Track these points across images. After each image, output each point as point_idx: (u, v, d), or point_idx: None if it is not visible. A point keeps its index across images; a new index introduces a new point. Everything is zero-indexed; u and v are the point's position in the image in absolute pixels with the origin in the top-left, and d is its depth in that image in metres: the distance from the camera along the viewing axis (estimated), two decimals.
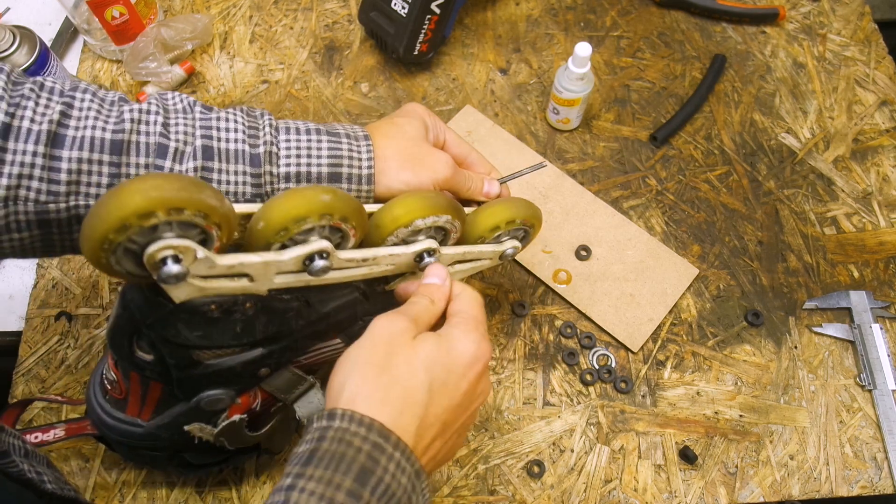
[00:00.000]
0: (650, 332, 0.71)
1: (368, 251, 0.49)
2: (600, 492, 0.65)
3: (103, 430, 0.54)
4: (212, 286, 0.43)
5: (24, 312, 0.72)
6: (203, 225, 0.41)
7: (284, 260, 0.45)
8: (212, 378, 0.49)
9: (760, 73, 0.87)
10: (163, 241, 0.40)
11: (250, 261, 0.44)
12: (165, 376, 0.48)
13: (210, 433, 0.52)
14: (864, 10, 0.91)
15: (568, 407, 0.69)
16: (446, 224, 0.52)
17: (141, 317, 0.45)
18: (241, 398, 0.52)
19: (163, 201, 0.39)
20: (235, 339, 0.47)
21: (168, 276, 0.40)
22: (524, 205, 0.58)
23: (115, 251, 0.40)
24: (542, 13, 0.90)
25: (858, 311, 0.73)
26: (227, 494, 0.64)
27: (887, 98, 0.85)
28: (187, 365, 0.47)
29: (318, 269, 0.45)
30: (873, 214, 0.79)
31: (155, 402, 0.51)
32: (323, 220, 0.45)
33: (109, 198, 0.39)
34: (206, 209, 0.41)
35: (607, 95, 0.85)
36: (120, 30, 0.81)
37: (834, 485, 0.66)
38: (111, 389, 0.53)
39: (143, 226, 0.39)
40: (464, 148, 0.61)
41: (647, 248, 0.75)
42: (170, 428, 0.52)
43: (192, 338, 0.45)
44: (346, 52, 0.87)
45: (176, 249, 0.40)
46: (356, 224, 0.48)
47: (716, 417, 0.68)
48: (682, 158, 0.81)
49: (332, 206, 0.45)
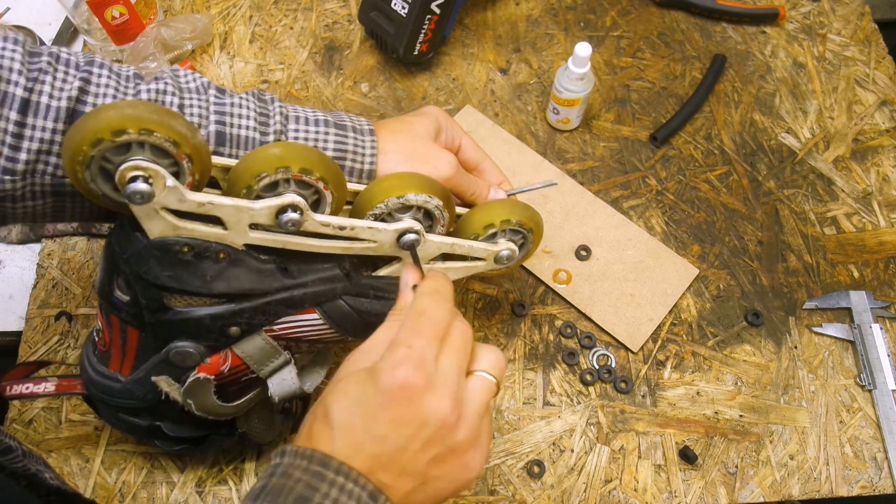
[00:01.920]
0: (650, 332, 0.71)
1: (346, 220, 0.49)
2: (600, 492, 0.65)
3: (90, 387, 0.54)
4: (185, 226, 0.46)
5: (24, 312, 0.72)
6: (174, 153, 0.43)
7: (256, 209, 0.46)
8: (181, 327, 0.49)
9: (760, 73, 0.87)
10: (133, 161, 0.42)
11: (221, 202, 0.45)
12: (139, 319, 0.49)
13: (177, 391, 0.52)
14: (864, 10, 0.91)
15: (568, 407, 0.69)
16: (435, 210, 0.52)
17: (119, 250, 0.46)
18: (210, 359, 0.51)
19: (135, 119, 0.41)
20: (205, 286, 0.48)
21: (133, 192, 0.42)
22: (522, 206, 0.57)
23: (89, 166, 0.42)
24: (542, 13, 0.90)
25: (858, 311, 0.73)
26: (227, 494, 0.64)
27: (887, 98, 0.85)
28: (158, 308, 0.48)
29: (288, 222, 0.46)
30: (873, 214, 0.79)
31: (133, 354, 0.52)
32: (279, 174, 0.46)
33: (88, 114, 0.42)
34: (177, 136, 0.43)
35: (607, 95, 0.85)
36: (120, 30, 0.81)
37: (834, 485, 0.66)
38: (98, 341, 0.53)
39: (115, 141, 0.41)
40: (478, 154, 0.61)
41: (647, 248, 0.75)
42: (143, 384, 0.52)
43: (162, 277, 0.47)
44: (346, 52, 0.87)
45: (145, 171, 0.42)
46: (322, 176, 0.47)
47: (716, 417, 0.68)
48: (682, 158, 0.81)
49: (284, 158, 0.46)
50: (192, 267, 0.47)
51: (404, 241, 0.51)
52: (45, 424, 0.67)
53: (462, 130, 0.61)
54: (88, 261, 0.74)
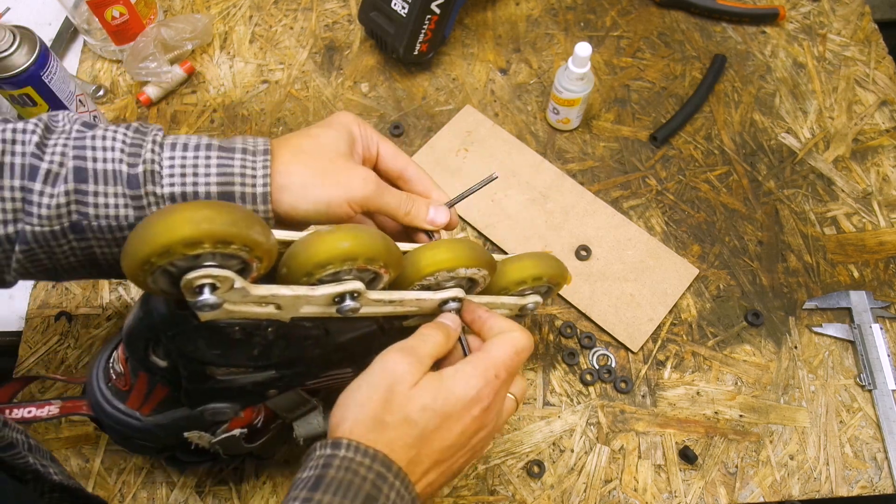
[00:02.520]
0: (650, 332, 0.71)
1: (396, 294, 0.49)
2: (600, 492, 0.65)
3: (100, 414, 0.54)
4: (239, 310, 0.43)
5: (24, 312, 0.72)
6: (246, 258, 0.41)
7: (315, 296, 0.44)
8: (220, 393, 0.49)
9: (760, 73, 0.87)
10: (203, 269, 0.39)
11: (283, 293, 0.43)
12: (175, 383, 0.48)
13: (208, 441, 0.52)
14: (864, 10, 0.91)
15: (568, 407, 0.69)
16: (480, 278, 0.52)
17: (162, 327, 0.44)
18: (243, 412, 0.52)
19: (212, 234, 0.39)
20: (251, 360, 0.47)
21: (203, 304, 0.40)
22: (554, 263, 0.57)
23: (153, 272, 0.40)
24: (542, 13, 0.90)
25: (858, 311, 0.73)
26: (227, 494, 0.64)
27: (887, 98, 0.85)
28: (199, 379, 0.47)
29: (347, 310, 0.46)
30: (873, 214, 0.79)
31: (158, 401, 0.51)
32: (346, 265, 0.45)
33: (158, 220, 0.38)
34: (252, 244, 0.40)
35: (607, 95, 0.85)
36: (120, 30, 0.81)
37: (834, 485, 0.66)
38: (115, 379, 0.53)
39: (188, 254, 0.39)
40: (400, 161, 0.55)
41: (647, 248, 0.75)
42: (167, 429, 0.52)
43: (210, 355, 0.45)
44: (346, 52, 0.87)
45: (215, 279, 0.40)
46: (386, 263, 0.46)
47: (716, 417, 0.68)
48: (682, 158, 0.81)
49: (354, 252, 0.44)
50: (240, 344, 0.46)
51: (447, 307, 0.51)
52: (45, 424, 0.67)
53: (378, 136, 0.56)
54: None
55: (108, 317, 0.72)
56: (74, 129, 0.47)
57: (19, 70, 0.69)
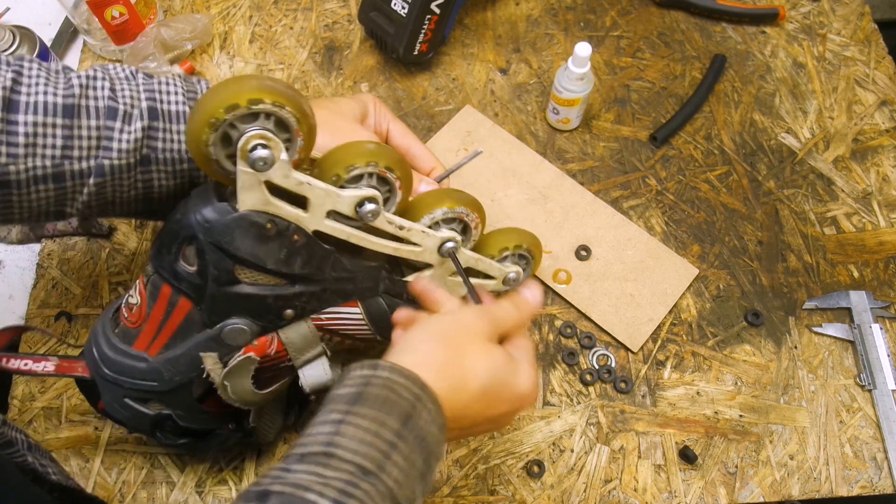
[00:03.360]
0: (650, 332, 0.71)
1: (406, 221, 0.54)
2: (600, 492, 0.65)
3: (100, 368, 0.54)
4: (275, 204, 0.48)
5: (24, 312, 0.72)
6: (295, 129, 0.47)
7: (343, 196, 0.50)
8: (243, 302, 0.51)
9: (760, 73, 0.87)
10: (260, 129, 0.45)
11: (316, 184, 0.49)
12: (199, 292, 0.50)
13: (219, 371, 0.53)
14: (864, 9, 0.91)
15: (568, 407, 0.69)
16: (473, 224, 0.58)
17: (203, 220, 0.48)
18: (258, 340, 0.53)
19: (272, 91, 0.45)
20: (276, 265, 0.50)
21: (258, 158, 0.45)
22: (529, 234, 0.63)
23: (217, 129, 0.45)
24: (541, 13, 0.90)
25: (858, 311, 0.73)
26: (227, 494, 0.64)
27: (887, 98, 0.85)
28: (227, 280, 0.50)
29: (366, 212, 0.51)
30: (873, 214, 0.79)
31: (171, 332, 0.52)
32: (369, 167, 0.51)
33: (227, 82, 0.45)
34: (301, 113, 0.47)
35: (607, 95, 0.85)
36: (120, 30, 0.81)
37: (834, 485, 0.66)
38: (127, 317, 0.53)
39: (251, 109, 0.44)
40: (407, 140, 0.64)
41: (647, 248, 0.76)
42: (177, 364, 0.53)
43: (242, 249, 0.49)
44: (346, 52, 0.87)
45: (268, 141, 0.45)
46: (400, 175, 0.53)
47: (716, 417, 0.68)
48: (682, 158, 0.81)
49: (377, 154, 0.51)
50: (270, 244, 0.50)
51: (445, 248, 0.56)
52: (45, 424, 0.67)
53: (392, 116, 0.64)
54: (88, 261, 0.74)
55: None
56: (140, 76, 0.54)
57: None
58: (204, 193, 0.50)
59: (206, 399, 0.56)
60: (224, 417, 0.58)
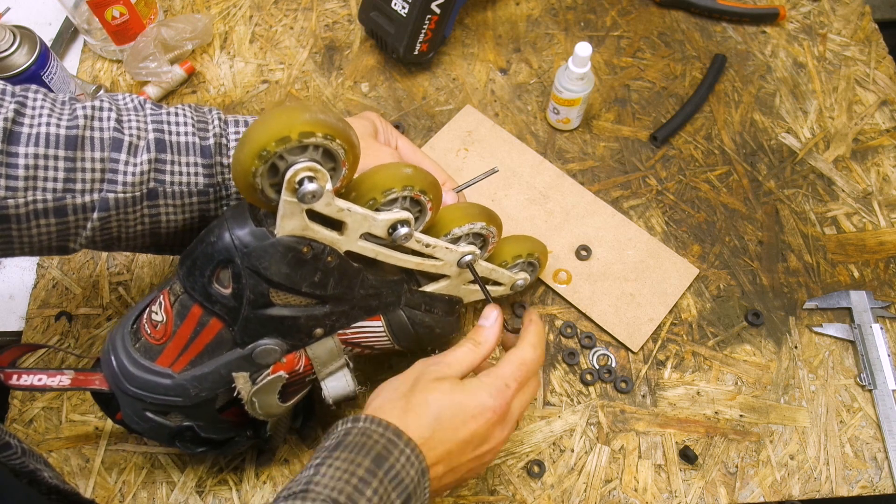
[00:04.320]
0: (650, 331, 0.71)
1: (432, 239, 0.56)
2: (600, 492, 0.65)
3: (121, 383, 0.53)
4: (312, 229, 0.49)
5: (24, 312, 0.72)
6: (342, 159, 0.47)
7: (378, 220, 0.51)
8: (275, 324, 0.51)
9: (761, 72, 0.87)
10: (308, 161, 0.45)
11: (356, 210, 0.50)
12: (232, 314, 0.50)
13: (249, 389, 0.53)
14: (865, 9, 0.91)
15: (568, 407, 0.69)
16: (490, 236, 0.60)
17: (240, 244, 0.48)
18: (286, 357, 0.54)
19: (324, 124, 0.45)
20: (310, 287, 0.51)
21: (307, 192, 0.45)
22: (540, 243, 0.67)
23: (267, 161, 0.44)
24: (542, 13, 0.90)
25: (858, 311, 0.73)
26: (227, 494, 0.64)
27: (887, 98, 0.85)
28: (262, 303, 0.50)
29: (400, 236, 0.52)
30: (873, 214, 0.79)
31: (198, 350, 0.52)
32: (405, 191, 0.51)
33: (276, 114, 0.44)
34: (349, 145, 0.47)
35: (607, 95, 0.85)
36: (120, 30, 0.81)
37: (834, 485, 0.66)
38: (150, 333, 0.53)
39: (302, 142, 0.44)
40: (417, 156, 0.65)
41: (647, 247, 0.75)
42: (204, 381, 0.52)
43: (279, 273, 0.49)
44: (346, 52, 0.87)
45: (315, 173, 0.45)
46: (433, 197, 0.54)
47: (716, 417, 0.68)
48: (683, 158, 0.81)
49: (413, 179, 0.51)
50: (305, 267, 0.50)
51: (463, 261, 0.58)
52: (46, 424, 0.67)
53: (398, 133, 0.66)
54: (88, 261, 0.74)
55: (108, 317, 0.72)
56: (147, 107, 0.53)
57: (19, 70, 0.69)
58: (240, 215, 0.49)
59: (226, 409, 0.56)
60: (243, 425, 0.59)
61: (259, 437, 0.60)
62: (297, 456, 0.66)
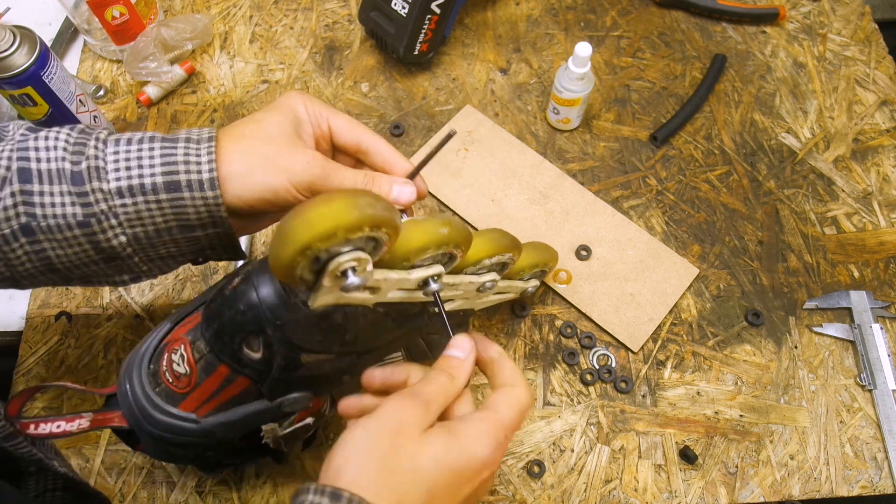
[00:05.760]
0: (650, 331, 0.71)
1: (457, 277, 0.53)
2: (600, 492, 0.65)
3: (142, 424, 0.52)
4: (347, 298, 0.45)
5: (24, 312, 0.72)
6: (384, 242, 0.43)
7: (411, 279, 0.48)
8: (304, 381, 0.50)
9: (761, 72, 0.87)
10: (354, 252, 0.41)
11: (391, 277, 0.46)
12: (261, 375, 0.49)
13: (276, 434, 0.53)
14: (865, 9, 0.91)
15: (568, 407, 0.69)
16: (511, 260, 0.58)
17: (272, 316, 0.45)
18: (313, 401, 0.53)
19: (373, 219, 0.40)
20: (342, 346, 0.49)
21: (351, 286, 0.41)
22: (551, 251, 0.67)
23: (311, 258, 0.40)
24: (542, 13, 0.90)
25: (859, 311, 0.73)
26: (227, 494, 0.64)
27: (887, 98, 0.85)
28: (293, 367, 0.48)
29: (432, 291, 0.49)
30: (873, 214, 0.79)
31: (223, 400, 0.51)
32: (441, 250, 0.48)
33: (321, 206, 0.39)
34: (393, 230, 0.43)
35: (607, 95, 0.85)
36: (120, 30, 0.81)
37: (834, 485, 0.66)
38: (172, 382, 0.51)
39: (349, 238, 0.40)
40: (355, 134, 0.53)
41: (647, 247, 0.75)
42: (231, 427, 0.51)
43: (312, 342, 0.47)
44: (346, 52, 0.87)
45: (359, 262, 0.41)
46: (464, 248, 0.50)
47: (716, 417, 0.68)
48: (683, 158, 0.81)
49: (450, 238, 0.47)
50: (338, 330, 0.48)
51: (484, 287, 0.57)
52: None
53: (330, 110, 0.53)
54: None
55: (108, 317, 0.72)
56: (18, 133, 0.47)
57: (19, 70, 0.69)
58: (268, 281, 0.46)
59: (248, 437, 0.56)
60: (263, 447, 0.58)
61: (278, 461, 0.61)
62: (298, 457, 0.66)
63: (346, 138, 0.53)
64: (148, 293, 0.73)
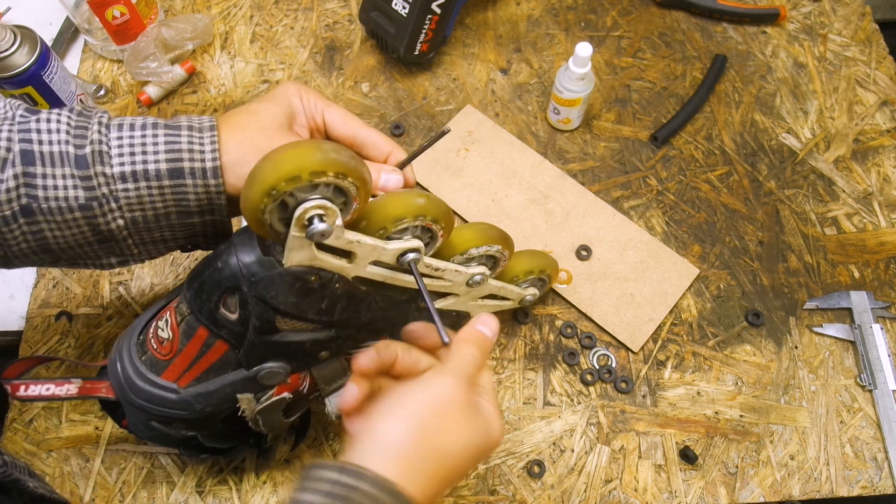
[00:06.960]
0: (650, 332, 0.71)
1: (442, 263, 0.55)
2: (600, 492, 0.65)
3: (126, 393, 0.53)
4: (321, 258, 0.47)
5: (24, 312, 0.72)
6: (353, 195, 0.45)
7: (388, 250, 0.49)
8: (281, 349, 0.51)
9: (761, 73, 0.87)
10: (319, 200, 0.43)
11: (365, 241, 0.48)
12: (238, 338, 0.50)
13: (253, 408, 0.53)
14: (865, 10, 0.91)
15: (568, 407, 0.69)
16: (501, 255, 0.59)
17: (247, 273, 0.47)
18: (290, 378, 0.54)
19: (336, 164, 0.43)
20: (317, 314, 0.50)
21: (316, 232, 0.44)
22: (548, 258, 0.67)
23: (276, 199, 0.43)
24: (542, 13, 0.90)
25: (859, 312, 0.73)
26: (227, 494, 0.64)
27: (888, 98, 0.85)
28: (268, 330, 0.49)
29: (410, 262, 0.51)
30: (874, 215, 0.79)
31: (203, 368, 0.52)
32: (417, 221, 0.50)
33: (286, 152, 0.42)
34: (361, 181, 0.45)
35: (608, 95, 0.85)
36: (121, 29, 0.81)
37: (834, 485, 0.66)
38: (157, 349, 0.53)
39: (313, 181, 0.42)
40: (350, 127, 0.55)
41: (647, 248, 0.75)
42: (209, 398, 0.52)
43: (286, 303, 0.48)
44: (346, 52, 0.87)
45: (326, 211, 0.44)
46: (444, 225, 0.52)
47: (716, 417, 0.68)
48: (683, 158, 0.81)
49: (426, 209, 0.50)
50: (313, 295, 0.49)
51: (472, 281, 0.58)
52: (46, 424, 0.67)
53: (325, 102, 0.54)
54: None
55: (108, 316, 0.72)
56: (18, 114, 0.47)
57: (20, 70, 0.69)
58: (247, 242, 0.48)
59: (230, 420, 0.56)
60: (246, 435, 0.59)
61: (260, 446, 0.60)
62: (298, 456, 0.66)
63: (340, 132, 0.55)
64: (148, 293, 0.73)
